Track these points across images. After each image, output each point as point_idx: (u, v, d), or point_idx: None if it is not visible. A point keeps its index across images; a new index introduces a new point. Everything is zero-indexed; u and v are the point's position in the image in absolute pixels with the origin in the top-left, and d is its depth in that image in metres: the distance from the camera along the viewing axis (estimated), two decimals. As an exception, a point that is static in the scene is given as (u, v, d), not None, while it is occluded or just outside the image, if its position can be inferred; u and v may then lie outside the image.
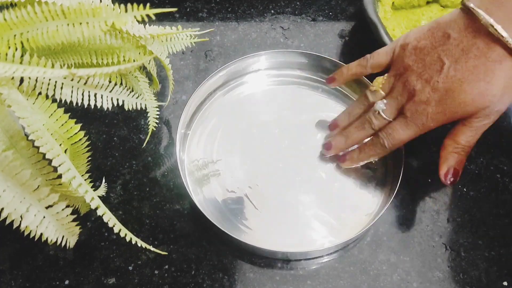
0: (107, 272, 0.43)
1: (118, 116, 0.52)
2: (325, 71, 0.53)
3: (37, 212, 0.33)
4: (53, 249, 0.44)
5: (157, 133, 0.51)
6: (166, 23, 0.59)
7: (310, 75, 0.54)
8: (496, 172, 0.49)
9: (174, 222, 0.46)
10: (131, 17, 0.32)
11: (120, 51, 0.39)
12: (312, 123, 0.51)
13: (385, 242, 0.45)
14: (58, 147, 0.32)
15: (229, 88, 0.54)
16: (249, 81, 0.54)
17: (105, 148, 0.50)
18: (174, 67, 0.55)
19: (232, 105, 0.53)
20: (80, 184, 0.33)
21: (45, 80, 0.34)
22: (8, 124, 0.33)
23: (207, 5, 0.61)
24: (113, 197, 0.47)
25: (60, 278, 0.43)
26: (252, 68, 0.54)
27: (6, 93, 0.31)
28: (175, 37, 0.45)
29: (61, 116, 0.35)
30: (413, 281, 0.43)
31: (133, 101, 0.41)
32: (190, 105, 0.49)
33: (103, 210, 0.33)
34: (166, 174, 0.49)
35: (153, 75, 0.46)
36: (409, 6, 0.56)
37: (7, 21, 0.32)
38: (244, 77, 0.54)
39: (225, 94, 0.54)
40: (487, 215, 0.47)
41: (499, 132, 0.52)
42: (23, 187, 0.32)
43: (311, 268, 0.44)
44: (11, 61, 0.31)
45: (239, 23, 0.60)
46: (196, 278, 0.43)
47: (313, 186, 0.47)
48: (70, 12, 0.32)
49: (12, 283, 0.43)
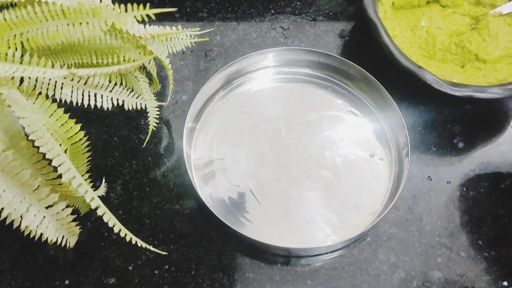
0: (107, 272, 0.43)
1: (118, 116, 0.52)
2: (333, 69, 0.53)
3: (37, 212, 0.33)
4: (53, 249, 0.44)
5: (157, 133, 0.51)
6: (166, 23, 0.59)
7: (319, 73, 0.54)
8: (496, 172, 0.49)
9: (174, 222, 0.46)
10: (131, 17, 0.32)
11: (120, 51, 0.39)
12: (319, 122, 0.51)
13: (385, 242, 0.45)
14: (58, 147, 0.32)
15: (236, 84, 0.54)
16: (257, 78, 0.55)
17: (105, 148, 0.50)
18: (174, 67, 0.55)
19: (239, 102, 0.53)
20: (80, 184, 0.33)
21: (45, 80, 0.34)
22: (8, 124, 0.33)
23: (207, 5, 0.61)
24: (113, 197, 0.47)
25: (60, 278, 0.43)
26: (260, 65, 0.54)
27: (6, 93, 0.31)
28: (175, 37, 0.45)
29: (61, 116, 0.35)
30: (413, 281, 0.43)
31: (133, 101, 0.41)
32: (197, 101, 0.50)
33: (103, 210, 0.33)
34: (166, 174, 0.49)
35: (153, 75, 0.46)
36: (409, 6, 0.56)
37: (7, 21, 0.32)
38: (252, 74, 0.54)
39: (232, 91, 0.54)
40: (487, 215, 0.47)
41: (499, 132, 0.52)
42: (23, 187, 0.32)
43: (311, 268, 0.44)
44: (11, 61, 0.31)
45: (239, 23, 0.60)
46: (196, 278, 0.43)
47: (317, 184, 0.48)
48: (70, 12, 0.32)
49: (12, 283, 0.43)
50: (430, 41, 0.53)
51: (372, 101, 0.52)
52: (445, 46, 0.53)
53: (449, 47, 0.53)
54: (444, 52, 0.53)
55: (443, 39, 0.53)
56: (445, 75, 0.52)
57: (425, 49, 0.53)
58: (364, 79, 0.51)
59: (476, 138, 0.52)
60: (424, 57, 0.54)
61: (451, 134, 0.52)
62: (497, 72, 0.51)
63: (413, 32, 0.54)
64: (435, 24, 0.54)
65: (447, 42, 0.53)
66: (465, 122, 0.52)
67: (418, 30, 0.54)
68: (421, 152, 0.50)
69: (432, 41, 0.53)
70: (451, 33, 0.54)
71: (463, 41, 0.52)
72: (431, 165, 0.50)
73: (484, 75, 0.51)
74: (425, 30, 0.54)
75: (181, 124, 0.50)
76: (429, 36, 0.53)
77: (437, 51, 0.53)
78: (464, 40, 0.52)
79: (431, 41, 0.53)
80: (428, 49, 0.53)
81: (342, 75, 0.53)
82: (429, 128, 0.52)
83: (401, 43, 0.54)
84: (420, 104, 0.53)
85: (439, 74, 0.51)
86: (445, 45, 0.53)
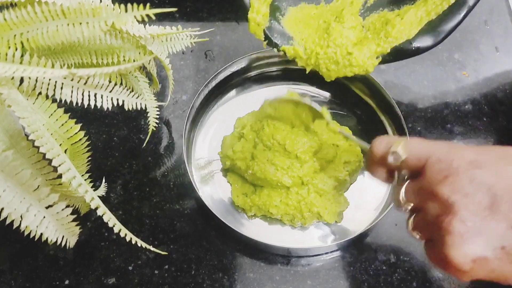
0: (107, 272, 0.43)
1: (118, 116, 0.52)
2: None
3: (37, 212, 0.33)
4: (53, 249, 0.44)
5: (157, 133, 0.51)
6: (166, 23, 0.59)
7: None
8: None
9: (174, 222, 0.46)
10: (131, 17, 0.32)
11: (120, 51, 0.39)
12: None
13: (385, 242, 0.45)
14: (58, 147, 0.32)
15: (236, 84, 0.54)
16: (257, 78, 0.55)
17: (105, 148, 0.50)
18: (174, 67, 0.55)
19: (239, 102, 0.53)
20: (80, 184, 0.33)
21: (45, 80, 0.34)
22: (8, 124, 0.33)
23: (207, 5, 0.61)
24: (113, 197, 0.47)
25: (60, 278, 0.43)
26: (260, 65, 0.54)
27: (6, 93, 0.31)
28: (175, 37, 0.45)
29: (61, 116, 0.35)
30: (413, 281, 0.43)
31: (133, 101, 0.41)
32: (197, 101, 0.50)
33: (103, 210, 0.33)
34: (166, 174, 0.49)
35: (153, 75, 0.46)
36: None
37: (7, 21, 0.32)
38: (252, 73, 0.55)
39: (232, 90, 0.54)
40: (487, 215, 0.47)
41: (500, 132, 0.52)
42: (23, 187, 0.32)
43: (311, 268, 0.44)
44: (11, 61, 0.31)
45: (239, 23, 0.60)
46: (196, 278, 0.43)
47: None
48: (70, 12, 0.32)
49: (12, 283, 0.43)
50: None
51: (372, 101, 0.52)
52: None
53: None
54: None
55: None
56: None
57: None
58: (364, 79, 0.51)
59: (476, 138, 0.51)
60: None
61: (451, 134, 0.52)
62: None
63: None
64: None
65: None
66: (465, 122, 0.52)
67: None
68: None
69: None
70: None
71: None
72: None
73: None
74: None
75: (181, 124, 0.50)
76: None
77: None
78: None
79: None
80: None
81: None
82: (429, 128, 0.52)
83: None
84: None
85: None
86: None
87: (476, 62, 0.57)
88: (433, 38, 0.44)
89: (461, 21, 0.43)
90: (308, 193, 0.45)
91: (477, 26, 0.59)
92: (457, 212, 0.28)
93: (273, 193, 0.45)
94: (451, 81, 0.55)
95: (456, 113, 0.53)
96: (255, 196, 0.45)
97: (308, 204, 0.44)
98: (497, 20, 0.60)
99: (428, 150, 0.31)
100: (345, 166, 0.46)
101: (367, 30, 0.47)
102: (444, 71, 0.56)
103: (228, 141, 0.49)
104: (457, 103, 0.54)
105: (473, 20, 0.59)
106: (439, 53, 0.57)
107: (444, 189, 0.29)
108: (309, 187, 0.45)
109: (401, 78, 0.55)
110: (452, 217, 0.29)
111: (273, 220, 0.46)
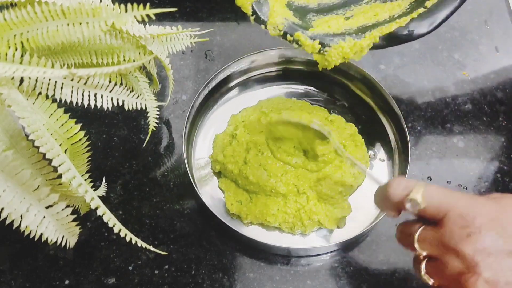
0: (107, 272, 0.43)
1: (118, 116, 0.52)
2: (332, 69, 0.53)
3: (37, 212, 0.33)
4: (53, 249, 0.44)
5: (157, 133, 0.51)
6: (166, 23, 0.59)
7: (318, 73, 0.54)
8: (496, 172, 0.49)
9: (174, 222, 0.46)
10: (131, 17, 0.32)
11: (120, 51, 0.39)
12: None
13: (385, 242, 0.45)
14: (58, 147, 0.32)
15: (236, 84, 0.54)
16: (257, 78, 0.55)
17: (105, 148, 0.50)
18: (174, 67, 0.55)
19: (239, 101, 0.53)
20: (80, 184, 0.33)
21: (45, 80, 0.34)
22: (8, 124, 0.33)
23: (207, 5, 0.61)
24: (113, 197, 0.47)
25: (60, 278, 0.43)
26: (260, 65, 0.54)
27: (6, 93, 0.31)
28: (175, 37, 0.45)
29: (61, 116, 0.35)
30: (413, 281, 0.43)
31: (133, 101, 0.41)
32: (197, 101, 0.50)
33: (103, 210, 0.33)
34: (166, 174, 0.49)
35: (153, 75, 0.46)
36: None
37: (7, 21, 0.32)
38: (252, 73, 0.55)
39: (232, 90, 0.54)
40: (487, 215, 0.47)
41: (499, 131, 0.52)
42: (23, 187, 0.32)
43: (311, 268, 0.44)
44: (11, 61, 0.31)
45: (239, 23, 0.60)
46: (196, 278, 0.43)
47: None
48: (70, 12, 0.32)
49: (12, 283, 0.43)
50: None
51: (372, 100, 0.52)
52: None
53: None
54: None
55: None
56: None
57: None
58: (364, 79, 0.51)
59: (476, 138, 0.51)
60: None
61: (451, 134, 0.52)
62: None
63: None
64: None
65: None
66: (465, 121, 0.52)
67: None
68: (421, 152, 0.50)
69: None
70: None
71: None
72: (431, 165, 0.50)
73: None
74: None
75: (181, 124, 0.50)
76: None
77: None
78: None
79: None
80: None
81: (342, 75, 0.53)
82: (429, 128, 0.52)
83: None
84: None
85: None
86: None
87: (476, 62, 0.57)
88: (427, 24, 0.42)
89: (456, 7, 0.42)
90: (307, 201, 0.44)
91: (477, 26, 0.59)
92: (481, 273, 0.29)
93: (269, 202, 0.44)
94: (451, 81, 0.55)
95: (456, 112, 0.53)
96: (251, 204, 0.45)
97: (308, 212, 0.44)
98: (497, 20, 0.60)
99: (448, 202, 0.31)
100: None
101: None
102: (444, 71, 0.56)
103: (220, 141, 0.49)
104: (457, 102, 0.54)
105: (473, 20, 0.59)
106: (439, 53, 0.57)
107: (468, 248, 0.29)
108: (309, 193, 0.45)
109: (401, 78, 0.55)
110: (476, 278, 0.29)
111: (270, 227, 0.46)
